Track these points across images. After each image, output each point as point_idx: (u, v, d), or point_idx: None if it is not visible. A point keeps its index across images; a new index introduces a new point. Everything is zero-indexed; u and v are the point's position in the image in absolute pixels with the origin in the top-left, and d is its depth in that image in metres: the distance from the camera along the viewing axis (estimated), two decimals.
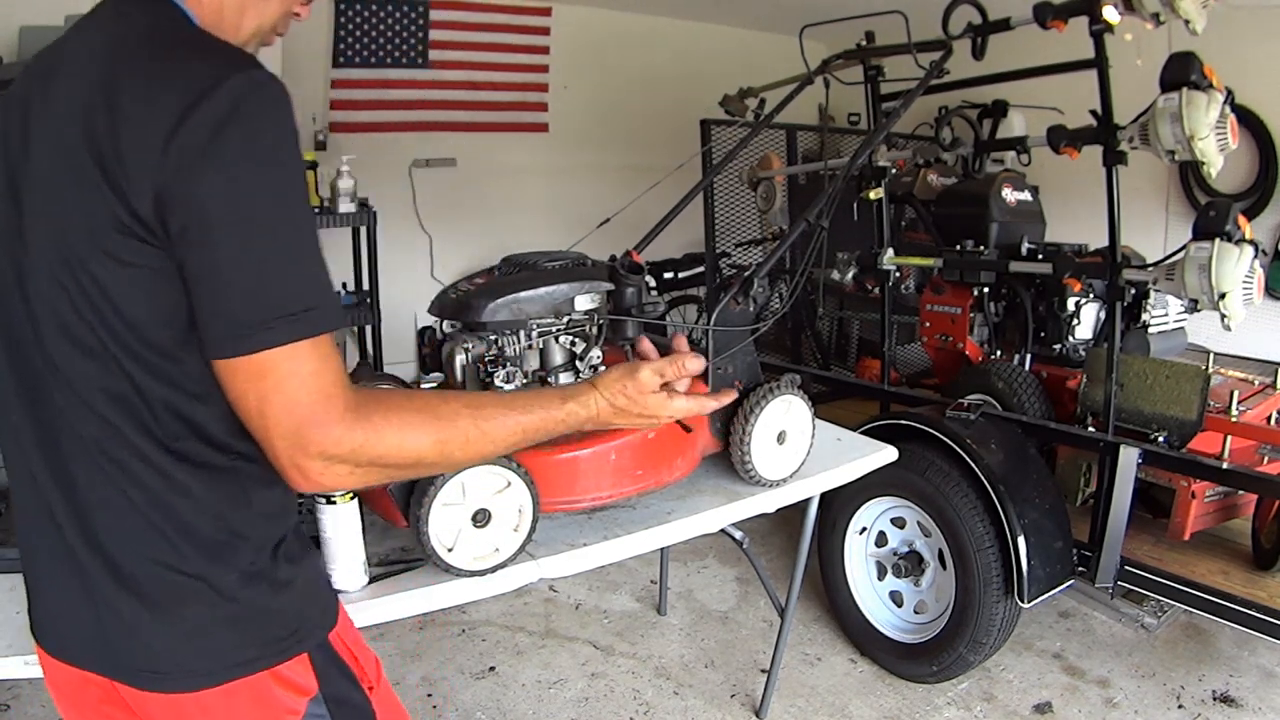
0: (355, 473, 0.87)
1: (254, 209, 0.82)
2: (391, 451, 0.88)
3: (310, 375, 0.84)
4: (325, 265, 0.89)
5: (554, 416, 1.05)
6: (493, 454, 1.00)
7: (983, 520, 2.39)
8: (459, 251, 5.38)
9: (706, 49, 5.86)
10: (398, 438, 0.89)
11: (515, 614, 3.03)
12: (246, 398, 0.84)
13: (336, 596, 1.09)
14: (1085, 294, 2.87)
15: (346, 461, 0.86)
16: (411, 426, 0.90)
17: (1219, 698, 2.54)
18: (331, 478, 0.86)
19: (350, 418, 0.86)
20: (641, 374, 1.17)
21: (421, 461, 0.92)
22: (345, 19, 4.92)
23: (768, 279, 1.97)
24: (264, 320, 0.82)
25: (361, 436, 0.86)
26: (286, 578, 0.96)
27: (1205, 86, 2.33)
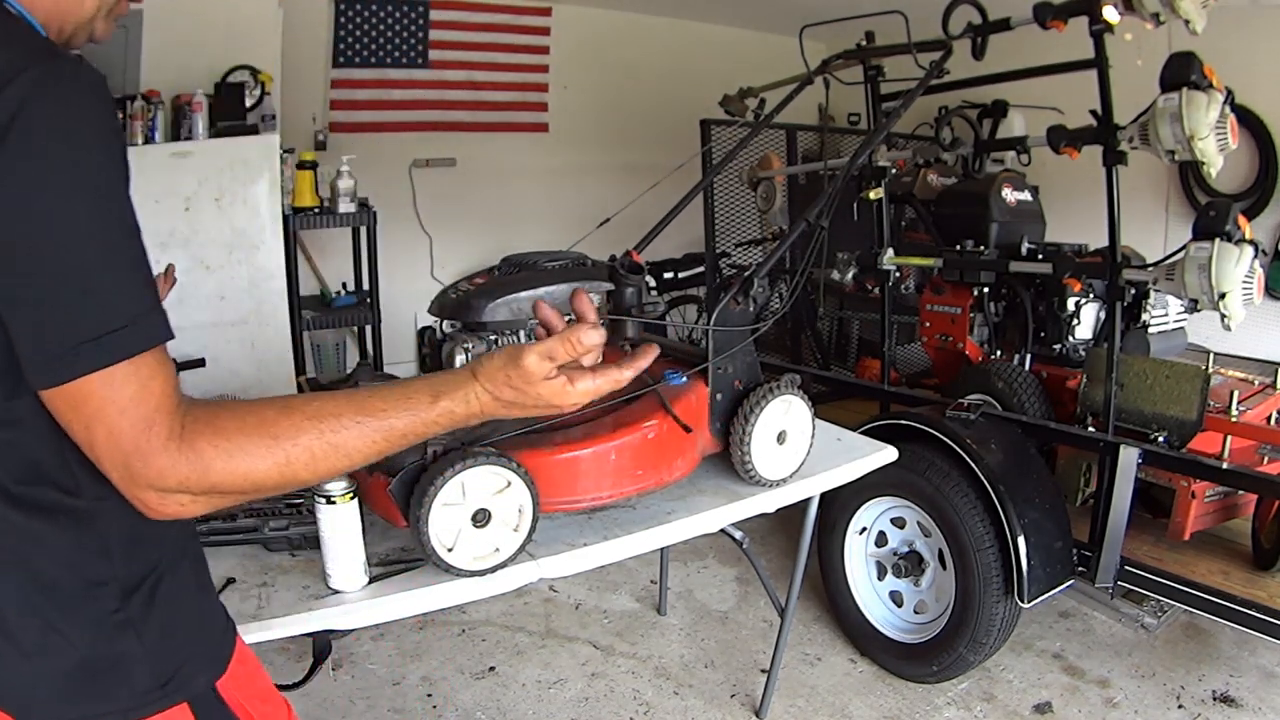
0: (198, 500, 0.81)
1: (51, 219, 0.74)
2: (224, 480, 0.81)
3: (130, 401, 0.77)
4: (144, 274, 0.80)
5: (424, 418, 0.91)
6: (350, 467, 0.89)
7: (983, 520, 2.39)
8: (459, 251, 5.38)
9: (706, 49, 5.86)
10: (227, 465, 0.81)
11: (515, 614, 3.03)
12: (73, 429, 0.78)
13: (232, 642, 1.02)
14: (1085, 294, 2.87)
15: (181, 491, 0.80)
16: (244, 451, 0.82)
17: (1219, 698, 2.54)
18: (174, 507, 0.81)
19: (174, 446, 0.79)
20: (527, 360, 0.93)
21: (261, 487, 0.84)
22: (345, 19, 4.92)
23: (768, 279, 1.97)
24: (72, 345, 0.74)
25: (187, 468, 0.79)
26: (155, 625, 0.90)
27: (1205, 86, 2.33)
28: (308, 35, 4.71)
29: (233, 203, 3.58)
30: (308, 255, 4.68)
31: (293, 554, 1.55)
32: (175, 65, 3.73)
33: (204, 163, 3.51)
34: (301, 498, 1.68)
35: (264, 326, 3.71)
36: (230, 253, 3.60)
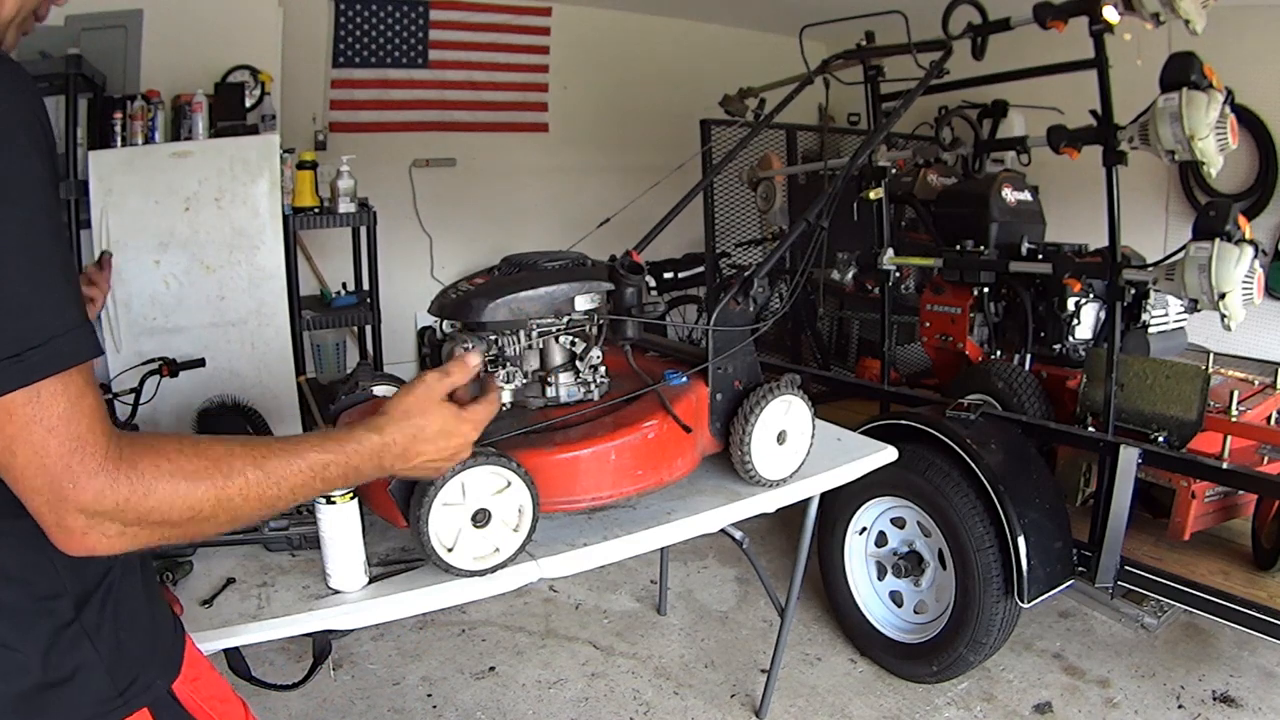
0: (125, 533, 0.77)
1: None
2: (163, 504, 0.78)
3: (60, 420, 0.73)
4: (71, 286, 0.76)
5: (348, 448, 0.95)
6: (279, 501, 0.88)
7: (983, 520, 2.39)
8: (459, 251, 5.38)
9: (706, 49, 5.86)
10: (170, 488, 0.78)
11: (515, 614, 3.03)
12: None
13: (181, 646, 1.02)
14: (1085, 294, 2.87)
15: (113, 519, 0.76)
16: (184, 474, 0.79)
17: (1219, 698, 2.54)
18: (96, 538, 0.76)
19: (113, 466, 0.75)
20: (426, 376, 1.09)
21: (198, 514, 0.81)
22: (345, 19, 4.93)
23: (768, 279, 1.97)
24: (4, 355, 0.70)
25: (127, 489, 0.76)
26: (109, 633, 0.89)
27: (1205, 86, 2.33)
28: (308, 35, 4.71)
29: (233, 203, 3.58)
30: (308, 255, 4.68)
31: (293, 554, 1.55)
32: (175, 65, 3.73)
33: (204, 163, 3.50)
34: None
35: (264, 326, 3.71)
36: (230, 253, 3.59)
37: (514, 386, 1.67)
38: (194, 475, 0.80)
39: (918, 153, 3.24)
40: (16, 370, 0.71)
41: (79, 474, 0.74)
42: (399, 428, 1.03)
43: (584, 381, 1.75)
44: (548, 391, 1.74)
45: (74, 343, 0.75)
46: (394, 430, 1.03)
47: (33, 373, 0.72)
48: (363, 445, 0.98)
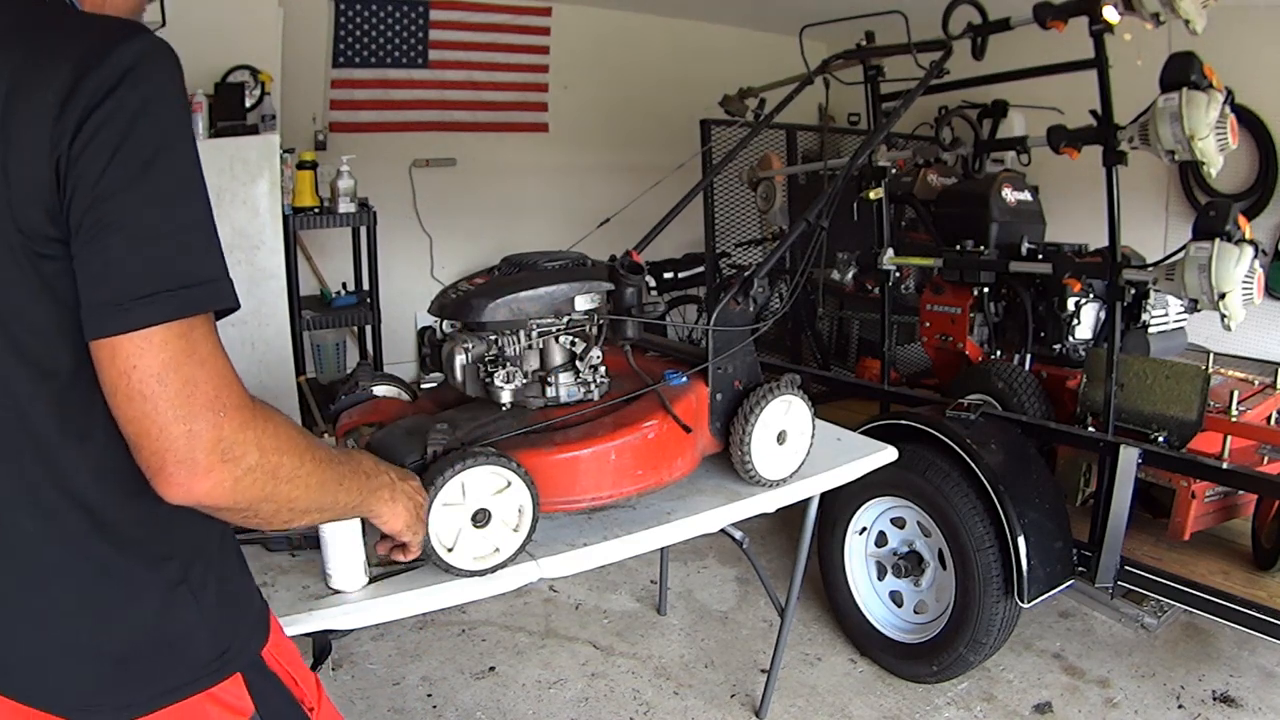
0: (242, 480, 0.81)
1: (147, 175, 0.77)
2: (284, 446, 0.85)
3: (209, 355, 0.79)
4: (217, 237, 0.84)
5: (362, 468, 1.05)
6: (342, 480, 0.96)
7: (983, 520, 2.39)
8: (459, 251, 5.38)
9: (706, 49, 5.86)
10: (289, 432, 0.86)
11: (515, 614, 3.03)
12: (129, 378, 0.76)
13: (268, 613, 1.04)
14: (1085, 294, 2.87)
15: (240, 459, 0.80)
16: (291, 427, 0.87)
17: (1219, 698, 2.54)
18: (223, 473, 0.79)
19: (251, 403, 0.82)
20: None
21: (301, 468, 0.87)
22: (345, 19, 4.93)
23: (768, 279, 1.97)
24: (168, 286, 0.76)
25: (264, 424, 0.82)
26: (212, 596, 0.92)
27: (1205, 86, 2.33)
28: (308, 35, 4.71)
29: (233, 203, 3.58)
30: (308, 255, 4.68)
31: (293, 554, 1.55)
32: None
33: (204, 163, 3.45)
34: None
35: (264, 326, 3.71)
36: (230, 253, 3.50)
37: (514, 386, 1.67)
38: (299, 433, 0.88)
39: (918, 153, 3.24)
40: (175, 302, 0.77)
41: (228, 404, 0.79)
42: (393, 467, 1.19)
43: (584, 381, 1.75)
44: (548, 391, 1.74)
45: (226, 288, 0.82)
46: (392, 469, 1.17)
47: (189, 306, 0.78)
48: (370, 454, 1.13)
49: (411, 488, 1.19)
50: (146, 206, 0.77)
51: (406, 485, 1.17)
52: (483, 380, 1.69)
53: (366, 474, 1.04)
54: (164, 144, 0.78)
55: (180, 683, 0.89)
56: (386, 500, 1.11)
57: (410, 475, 1.22)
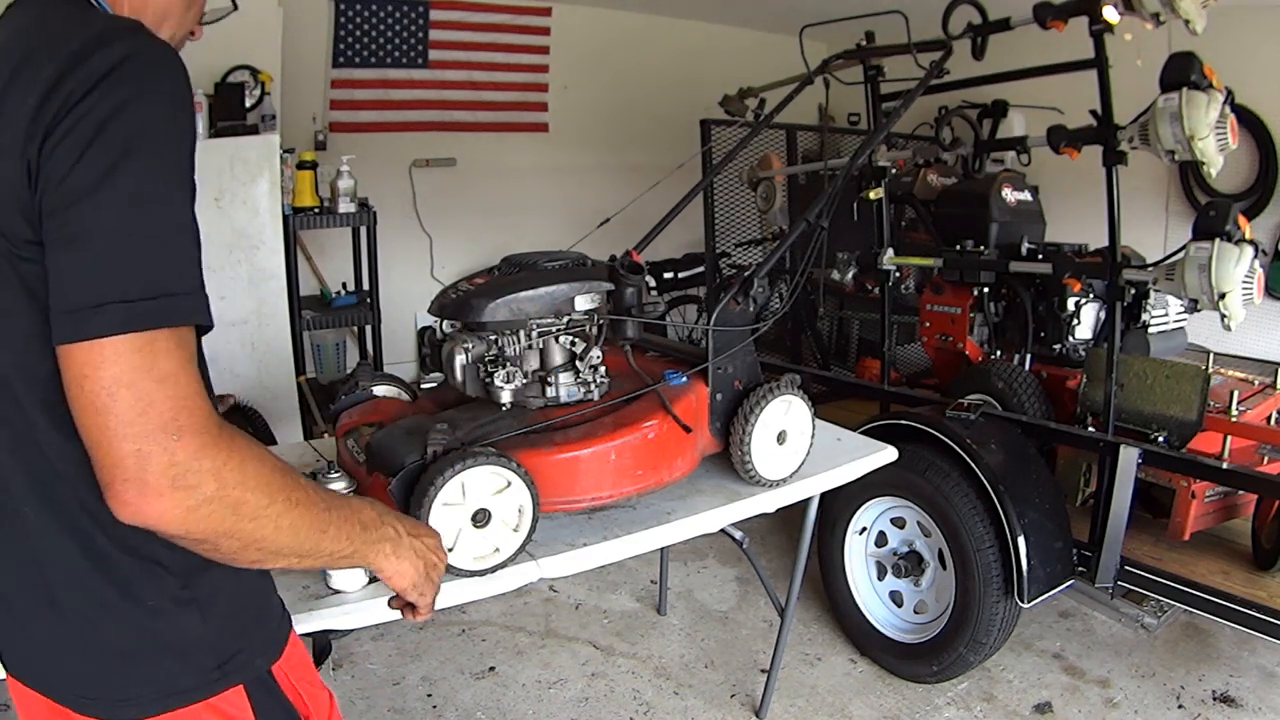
0: (199, 509, 0.76)
1: (110, 180, 0.73)
2: (250, 481, 0.78)
3: (170, 375, 0.74)
4: (195, 250, 0.80)
5: (359, 517, 0.96)
6: (328, 527, 0.88)
7: (983, 520, 2.39)
8: (459, 251, 5.38)
9: (706, 49, 5.86)
10: (258, 468, 0.79)
11: (515, 614, 3.03)
12: (85, 390, 0.72)
13: (286, 631, 1.04)
14: (1085, 294, 2.87)
15: (196, 488, 0.75)
16: (269, 465, 0.81)
17: (1219, 698, 2.54)
18: (169, 502, 0.74)
19: (215, 430, 0.77)
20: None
21: (269, 508, 0.81)
22: (345, 19, 4.92)
23: (768, 279, 1.97)
24: (126, 297, 0.73)
25: (226, 454, 0.76)
26: (221, 608, 0.91)
27: (1205, 86, 2.33)
28: (308, 35, 4.71)
29: (233, 203, 3.58)
30: (308, 255, 4.68)
31: None
32: None
33: (204, 163, 3.43)
34: None
35: (264, 326, 3.71)
36: (230, 253, 3.59)
37: (514, 386, 1.67)
38: (275, 469, 0.82)
39: (918, 153, 3.24)
40: (129, 314, 0.73)
41: (185, 428, 0.74)
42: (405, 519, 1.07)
43: (584, 381, 1.75)
44: (548, 391, 1.74)
45: (192, 303, 0.78)
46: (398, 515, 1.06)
47: (148, 319, 0.73)
48: (379, 504, 1.01)
49: (425, 545, 1.05)
50: (108, 212, 0.74)
51: (418, 542, 1.04)
52: (483, 380, 1.69)
53: (364, 524, 0.95)
54: (134, 148, 0.75)
55: (179, 688, 0.89)
56: (388, 555, 0.99)
57: (427, 531, 1.09)
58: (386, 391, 1.93)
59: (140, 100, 0.76)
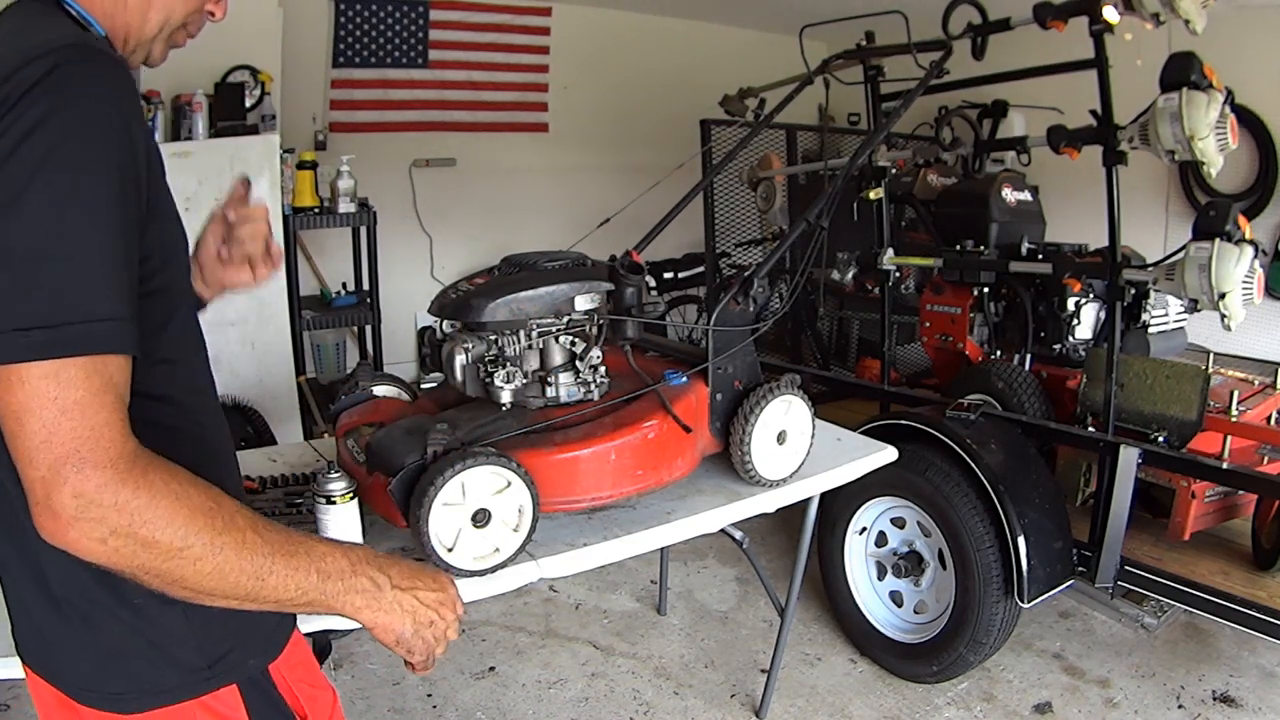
0: (108, 542, 0.74)
1: (20, 199, 0.71)
2: (160, 521, 0.75)
3: (76, 405, 0.72)
4: (124, 279, 0.76)
5: (349, 547, 0.91)
6: (270, 575, 0.82)
7: (983, 520, 2.39)
8: (459, 251, 5.38)
9: (706, 49, 5.86)
10: (171, 508, 0.75)
11: (515, 614, 3.03)
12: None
13: (286, 631, 1.02)
14: (1085, 294, 2.87)
15: (103, 521, 0.73)
16: (189, 504, 0.77)
17: (1219, 698, 2.54)
18: (79, 533, 0.73)
19: (124, 466, 0.74)
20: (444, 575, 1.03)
21: (187, 551, 0.76)
22: (345, 19, 4.93)
23: (768, 279, 1.97)
24: (23, 325, 0.70)
25: (131, 492, 0.73)
26: (204, 607, 0.87)
27: (1205, 86, 2.33)
28: (308, 35, 4.71)
29: None
30: (308, 255, 4.68)
31: None
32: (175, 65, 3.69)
33: (204, 163, 3.50)
34: (301, 498, 1.69)
35: (264, 326, 3.71)
36: None
37: (514, 386, 1.67)
38: (197, 509, 0.78)
39: (918, 153, 3.24)
40: (33, 341, 0.70)
41: (87, 460, 0.72)
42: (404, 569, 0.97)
43: (584, 381, 1.75)
44: (548, 391, 1.74)
45: (106, 333, 0.74)
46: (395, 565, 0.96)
47: (51, 348, 0.71)
48: (365, 551, 0.93)
49: (420, 599, 0.95)
50: (17, 233, 0.71)
51: (409, 597, 0.94)
52: (483, 380, 1.69)
53: (324, 574, 0.86)
54: (50, 167, 0.72)
55: (165, 686, 0.90)
56: (360, 609, 0.90)
57: (429, 583, 0.97)
58: (386, 391, 1.93)
59: (59, 117, 0.73)
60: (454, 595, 1.00)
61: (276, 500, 1.72)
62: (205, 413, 0.99)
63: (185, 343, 0.94)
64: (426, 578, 0.97)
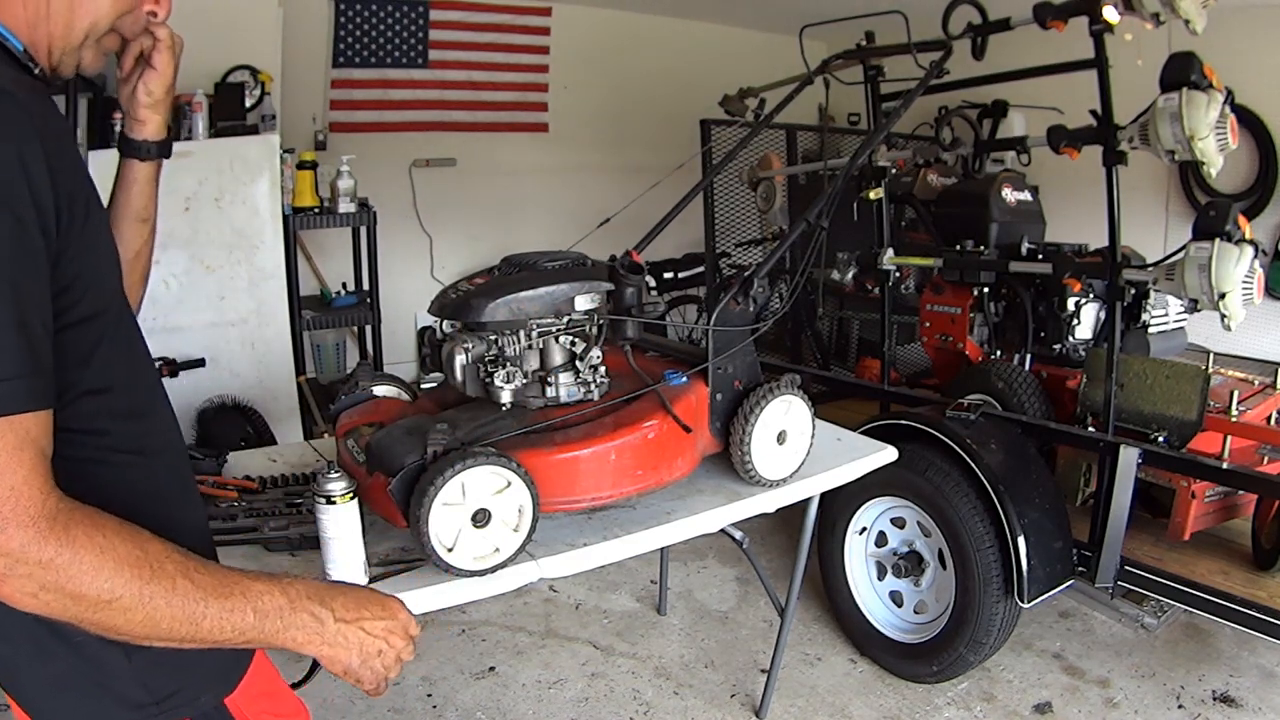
0: (39, 596, 0.75)
1: None
2: (84, 576, 0.76)
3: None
4: (19, 335, 0.75)
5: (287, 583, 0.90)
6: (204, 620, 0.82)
7: (983, 520, 2.39)
8: (459, 251, 5.38)
9: (706, 49, 5.86)
10: (95, 562, 0.76)
11: (515, 614, 3.03)
12: None
13: (241, 663, 1.02)
14: (1085, 294, 2.87)
15: (31, 577, 0.74)
16: (115, 556, 0.77)
17: (1219, 698, 2.54)
18: (10, 588, 0.74)
19: (46, 524, 0.74)
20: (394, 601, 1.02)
21: (116, 602, 0.77)
22: (345, 19, 4.93)
23: (768, 279, 1.97)
24: None
25: (54, 550, 0.74)
26: (149, 651, 0.87)
27: (1205, 86, 2.33)
28: (308, 35, 4.71)
29: (233, 203, 3.58)
30: (308, 255, 4.68)
31: (293, 554, 1.55)
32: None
33: (204, 163, 3.51)
34: (301, 498, 1.69)
35: (264, 326, 3.71)
36: (230, 253, 3.60)
37: (514, 386, 1.67)
38: (123, 560, 0.78)
39: (918, 153, 3.24)
40: None
41: (9, 520, 0.73)
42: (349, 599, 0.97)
43: (584, 381, 1.75)
44: (548, 391, 1.74)
45: (11, 392, 0.74)
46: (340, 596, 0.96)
47: None
48: (306, 586, 0.92)
49: (368, 629, 0.95)
50: None
51: (355, 629, 0.94)
52: (483, 380, 1.69)
53: (261, 612, 0.86)
54: None
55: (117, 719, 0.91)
56: (306, 645, 0.91)
57: (378, 612, 0.97)
58: (386, 391, 1.93)
59: None
60: (404, 620, 1.00)
61: (276, 500, 1.71)
62: (147, 437, 0.97)
63: (118, 368, 0.92)
64: (373, 606, 0.97)
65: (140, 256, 1.17)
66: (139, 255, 1.17)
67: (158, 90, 1.08)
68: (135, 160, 1.12)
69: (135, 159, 1.12)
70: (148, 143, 1.11)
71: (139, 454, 0.94)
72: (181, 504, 1.02)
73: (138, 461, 0.94)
